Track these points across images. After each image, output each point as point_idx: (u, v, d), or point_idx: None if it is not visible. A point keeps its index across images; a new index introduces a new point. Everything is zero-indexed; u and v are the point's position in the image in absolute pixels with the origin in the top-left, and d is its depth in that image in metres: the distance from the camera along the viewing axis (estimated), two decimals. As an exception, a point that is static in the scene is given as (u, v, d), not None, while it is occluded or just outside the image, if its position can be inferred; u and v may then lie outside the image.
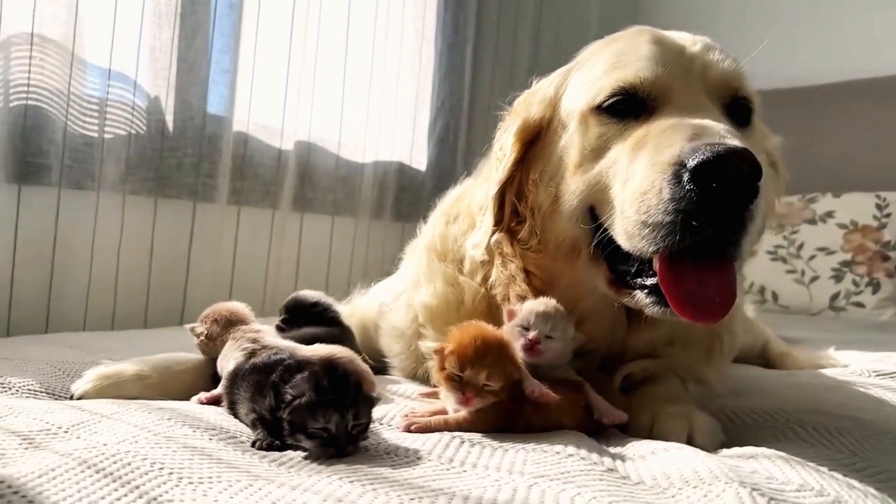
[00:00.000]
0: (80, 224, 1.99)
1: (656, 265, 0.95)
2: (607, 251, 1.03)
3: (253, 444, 0.82)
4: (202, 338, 1.14)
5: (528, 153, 1.16)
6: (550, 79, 1.19)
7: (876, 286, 3.04)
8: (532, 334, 1.00)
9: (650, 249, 0.93)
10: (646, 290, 0.99)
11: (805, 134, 3.52)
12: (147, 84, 2.12)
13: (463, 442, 0.84)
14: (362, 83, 2.80)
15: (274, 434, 0.83)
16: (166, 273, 2.23)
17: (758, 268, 3.32)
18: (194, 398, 1.08)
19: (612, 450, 0.87)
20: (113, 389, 1.09)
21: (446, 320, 1.18)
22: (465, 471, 0.73)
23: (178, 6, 2.15)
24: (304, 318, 1.31)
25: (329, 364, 0.82)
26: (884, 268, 3.05)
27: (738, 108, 1.07)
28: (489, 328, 0.97)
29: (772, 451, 0.84)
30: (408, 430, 0.91)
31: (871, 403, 1.24)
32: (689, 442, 0.93)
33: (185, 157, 2.21)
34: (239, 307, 1.18)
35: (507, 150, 1.15)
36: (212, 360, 1.14)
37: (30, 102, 1.86)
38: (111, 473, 0.64)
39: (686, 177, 0.88)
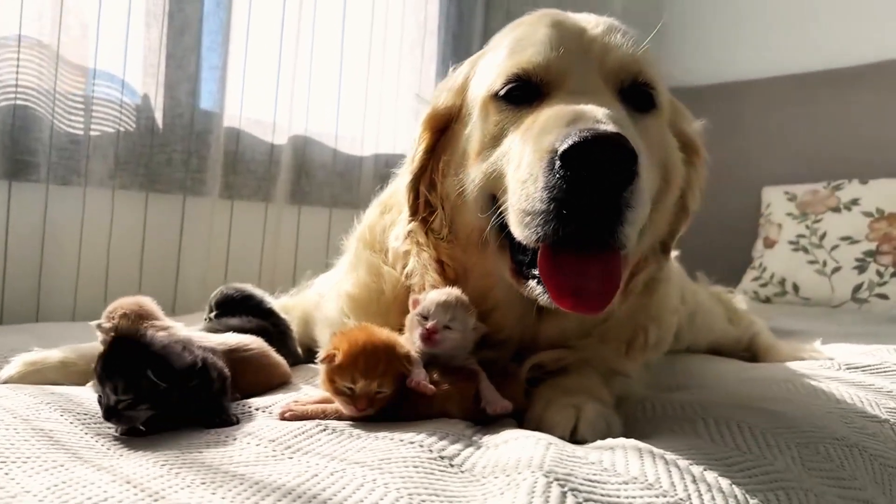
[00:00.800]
0: (69, 219, 2.07)
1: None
2: (508, 239, 1.02)
3: (117, 429, 0.85)
4: (112, 334, 1.10)
5: (439, 143, 1.15)
6: (462, 67, 1.18)
7: (901, 277, 2.89)
8: (430, 324, 0.99)
9: (532, 238, 0.91)
10: (536, 280, 0.97)
11: (833, 118, 3.37)
12: (136, 82, 2.19)
13: (324, 430, 0.84)
14: (360, 77, 2.80)
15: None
16: (157, 265, 2.29)
17: (778, 258, 3.21)
18: None
19: (479, 438, 0.86)
20: (36, 375, 1.14)
21: (367, 310, 1.19)
22: (290, 458, 0.73)
23: (166, 4, 2.20)
24: (236, 312, 1.31)
25: (116, 340, 0.85)
26: (910, 258, 2.91)
27: (637, 93, 1.03)
28: (374, 331, 0.96)
29: (633, 443, 0.81)
30: (282, 416, 0.92)
31: (808, 398, 1.18)
32: (573, 433, 0.91)
33: (175, 153, 2.26)
34: (145, 301, 1.16)
35: (417, 140, 1.15)
36: None
37: (18, 102, 1.94)
38: (-69, 453, 0.67)
39: (557, 164, 0.86)
